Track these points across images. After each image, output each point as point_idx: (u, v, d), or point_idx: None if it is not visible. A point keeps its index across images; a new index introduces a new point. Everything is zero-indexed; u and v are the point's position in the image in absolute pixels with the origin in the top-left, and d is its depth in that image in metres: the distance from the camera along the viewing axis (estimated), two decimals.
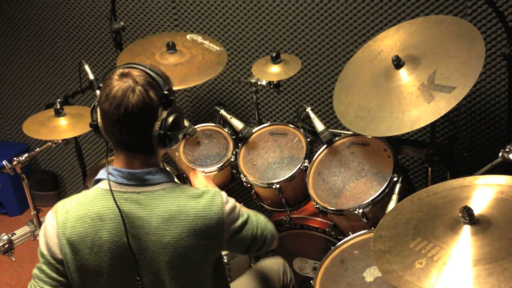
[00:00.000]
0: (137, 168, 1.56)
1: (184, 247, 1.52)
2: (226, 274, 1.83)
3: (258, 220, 1.74)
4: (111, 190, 1.52)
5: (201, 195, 1.57)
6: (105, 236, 1.52)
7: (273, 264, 2.21)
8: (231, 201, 1.64)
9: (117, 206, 1.51)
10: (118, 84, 1.49)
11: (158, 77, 1.52)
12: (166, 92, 1.52)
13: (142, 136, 1.52)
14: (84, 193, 1.59)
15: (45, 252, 1.56)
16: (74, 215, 1.54)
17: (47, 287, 1.56)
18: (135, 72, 1.51)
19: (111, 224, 1.52)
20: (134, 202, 1.53)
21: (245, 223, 1.66)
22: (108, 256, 1.53)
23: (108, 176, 1.55)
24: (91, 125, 1.58)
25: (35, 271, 1.58)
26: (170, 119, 1.52)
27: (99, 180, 1.59)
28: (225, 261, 2.30)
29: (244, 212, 1.69)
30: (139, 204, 1.53)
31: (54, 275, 1.56)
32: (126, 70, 1.52)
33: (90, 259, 1.52)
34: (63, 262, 1.55)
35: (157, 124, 1.51)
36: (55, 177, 3.93)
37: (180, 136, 1.60)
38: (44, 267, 1.56)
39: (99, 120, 1.56)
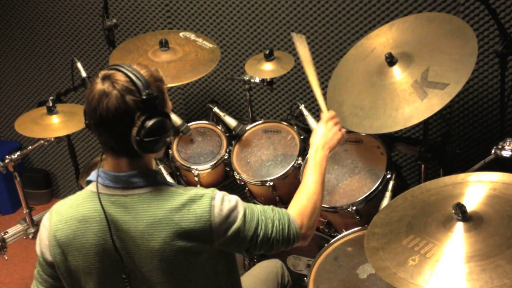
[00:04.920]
0: (124, 170, 1.52)
1: (171, 251, 1.49)
2: (239, 277, 1.74)
3: (266, 222, 1.60)
4: (98, 193, 1.51)
5: (188, 198, 1.51)
6: (92, 238, 1.51)
7: (271, 266, 2.17)
8: (228, 203, 1.56)
9: (103, 209, 1.49)
10: (97, 87, 1.45)
11: (138, 80, 1.45)
12: (144, 97, 1.44)
13: (121, 141, 1.47)
14: (76, 195, 1.58)
15: (38, 253, 1.59)
16: (64, 217, 1.54)
17: (42, 287, 1.60)
18: (116, 75, 1.46)
19: (97, 227, 1.51)
20: (120, 206, 1.50)
21: (242, 226, 1.56)
22: (96, 258, 1.52)
23: (97, 179, 1.53)
24: (85, 125, 1.54)
25: (35, 270, 1.62)
26: (148, 124, 1.45)
27: (90, 182, 1.57)
28: None
29: (248, 213, 1.59)
30: (125, 207, 1.50)
31: (45, 276, 1.60)
32: (110, 72, 1.47)
33: (80, 260, 1.52)
34: (53, 265, 1.56)
35: (135, 130, 1.44)
36: (47, 175, 3.91)
37: (169, 139, 1.53)
38: (39, 268, 1.60)
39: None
